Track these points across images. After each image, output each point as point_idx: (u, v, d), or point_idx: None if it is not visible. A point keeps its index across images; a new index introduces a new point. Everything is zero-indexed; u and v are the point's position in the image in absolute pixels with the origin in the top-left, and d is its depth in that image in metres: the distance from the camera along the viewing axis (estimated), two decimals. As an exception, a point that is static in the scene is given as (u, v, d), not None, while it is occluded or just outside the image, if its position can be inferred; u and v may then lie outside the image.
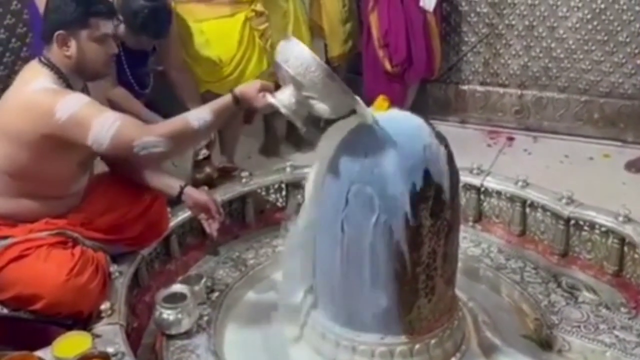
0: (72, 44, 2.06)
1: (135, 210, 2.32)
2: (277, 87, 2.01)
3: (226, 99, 2.00)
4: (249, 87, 2.00)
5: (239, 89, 2.00)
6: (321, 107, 1.89)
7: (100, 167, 2.42)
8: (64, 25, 2.05)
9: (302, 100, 1.89)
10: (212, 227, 2.45)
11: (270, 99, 1.94)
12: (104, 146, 1.96)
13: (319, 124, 2.03)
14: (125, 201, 2.31)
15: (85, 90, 2.18)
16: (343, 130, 1.94)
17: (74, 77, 2.10)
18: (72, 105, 1.96)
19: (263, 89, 1.97)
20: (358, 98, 1.89)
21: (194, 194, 2.40)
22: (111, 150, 1.99)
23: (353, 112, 1.91)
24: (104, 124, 1.94)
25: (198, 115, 1.98)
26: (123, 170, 2.36)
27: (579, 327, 2.24)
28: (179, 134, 1.98)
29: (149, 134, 1.96)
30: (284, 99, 1.92)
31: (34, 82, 2.02)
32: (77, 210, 2.21)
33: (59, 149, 2.03)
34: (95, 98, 2.10)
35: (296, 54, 1.83)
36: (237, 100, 1.99)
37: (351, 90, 1.87)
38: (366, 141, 1.92)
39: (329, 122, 1.99)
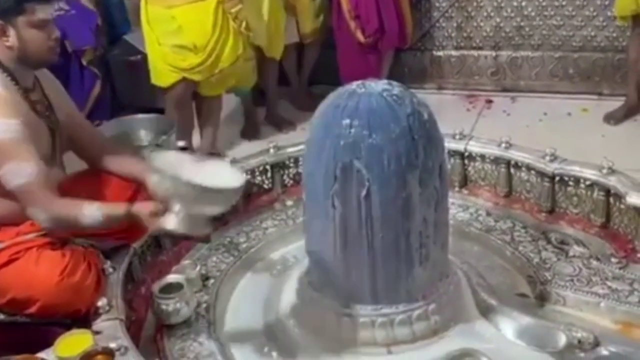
0: (11, 32, 2.00)
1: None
2: None
3: (120, 209, 2.00)
4: (143, 209, 1.96)
5: (135, 207, 1.98)
6: (211, 209, 1.93)
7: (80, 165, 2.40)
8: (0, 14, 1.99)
9: (192, 211, 1.88)
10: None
11: (162, 224, 1.91)
12: (7, 187, 1.96)
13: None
14: (109, 195, 2.28)
15: (37, 84, 2.12)
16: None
17: (20, 69, 2.04)
18: None
19: (155, 213, 1.93)
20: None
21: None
22: (12, 194, 1.98)
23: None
24: (16, 172, 1.93)
25: (92, 214, 1.97)
26: (105, 166, 2.33)
27: (571, 281, 2.27)
28: (65, 221, 1.99)
29: (42, 209, 1.95)
30: (172, 221, 1.89)
31: None
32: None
33: None
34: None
35: (166, 179, 1.85)
36: (131, 215, 1.98)
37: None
38: (349, 115, 1.92)
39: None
